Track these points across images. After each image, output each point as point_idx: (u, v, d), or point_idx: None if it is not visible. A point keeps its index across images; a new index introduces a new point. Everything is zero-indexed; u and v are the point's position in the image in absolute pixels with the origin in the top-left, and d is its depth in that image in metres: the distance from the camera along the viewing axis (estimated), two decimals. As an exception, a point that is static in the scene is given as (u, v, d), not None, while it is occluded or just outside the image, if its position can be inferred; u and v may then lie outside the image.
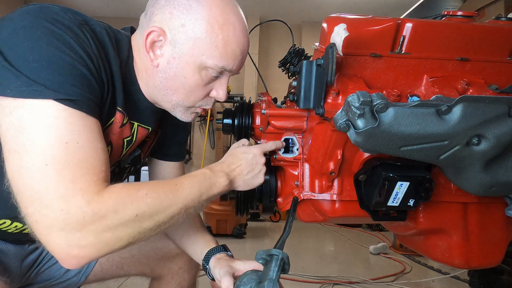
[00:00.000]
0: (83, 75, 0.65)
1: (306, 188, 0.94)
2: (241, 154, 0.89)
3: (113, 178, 0.96)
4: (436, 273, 2.63)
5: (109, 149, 0.84)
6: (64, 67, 0.62)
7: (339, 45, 0.74)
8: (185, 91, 0.80)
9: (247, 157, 0.89)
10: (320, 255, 3.05)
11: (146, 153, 1.01)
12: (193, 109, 0.86)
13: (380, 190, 0.81)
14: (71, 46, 0.64)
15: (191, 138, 5.21)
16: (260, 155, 0.90)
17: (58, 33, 0.63)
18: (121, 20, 5.24)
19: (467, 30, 0.83)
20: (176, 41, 0.75)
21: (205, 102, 0.85)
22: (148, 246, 1.07)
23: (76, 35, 0.66)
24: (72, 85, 0.62)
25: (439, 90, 0.79)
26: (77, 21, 0.68)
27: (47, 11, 0.65)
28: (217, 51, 0.75)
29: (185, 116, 0.87)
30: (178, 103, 0.83)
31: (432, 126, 0.69)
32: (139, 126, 0.89)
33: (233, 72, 0.82)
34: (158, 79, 0.79)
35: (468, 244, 0.92)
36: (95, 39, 0.71)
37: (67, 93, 0.62)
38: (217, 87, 0.83)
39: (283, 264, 0.72)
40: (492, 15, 2.22)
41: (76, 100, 0.63)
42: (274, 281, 0.67)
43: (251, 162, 0.88)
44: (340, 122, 0.71)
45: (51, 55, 0.61)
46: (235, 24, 0.77)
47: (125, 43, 0.81)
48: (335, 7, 4.60)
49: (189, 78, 0.78)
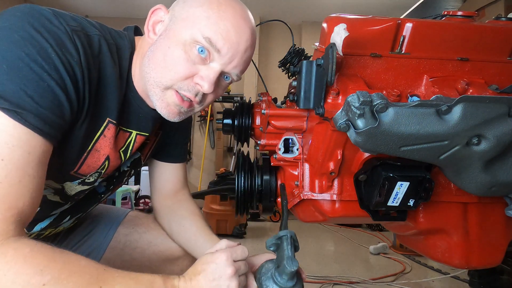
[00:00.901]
0: (49, 89, 0.60)
1: (306, 188, 0.94)
2: (201, 265, 0.70)
3: (114, 181, 0.96)
4: (436, 273, 2.63)
5: (106, 164, 0.82)
6: (27, 76, 0.58)
7: (339, 45, 0.74)
8: (165, 64, 0.72)
9: (206, 269, 0.69)
10: (320, 255, 3.05)
11: (146, 156, 1.00)
12: (170, 93, 0.75)
13: (380, 190, 0.81)
14: (47, 55, 0.60)
15: (191, 138, 5.21)
16: (225, 264, 0.69)
17: (37, 39, 0.60)
18: (121, 20, 5.23)
19: (467, 30, 0.83)
20: (173, 15, 0.75)
21: (186, 86, 0.74)
22: (150, 249, 1.06)
23: (60, 43, 0.62)
24: (28, 96, 0.57)
25: (439, 90, 0.79)
26: (68, 27, 0.65)
27: (36, 15, 0.62)
28: (207, 21, 0.70)
29: (162, 103, 0.76)
30: (155, 80, 0.74)
31: (432, 126, 0.69)
32: (138, 135, 0.87)
33: (225, 61, 0.73)
34: (146, 55, 0.75)
35: (468, 244, 0.92)
36: (86, 47, 0.67)
37: (18, 104, 0.56)
38: (203, 72, 0.73)
39: (293, 242, 0.71)
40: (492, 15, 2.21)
41: (27, 114, 0.57)
42: (292, 257, 0.67)
43: (212, 276, 0.68)
44: (340, 122, 0.71)
45: (17, 60, 0.58)
46: (236, 8, 0.74)
47: (127, 50, 0.79)
48: (335, 7, 4.60)
49: (172, 48, 0.72)
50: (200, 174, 4.84)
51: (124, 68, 0.78)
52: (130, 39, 0.81)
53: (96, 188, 0.93)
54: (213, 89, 0.75)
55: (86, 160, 0.78)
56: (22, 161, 0.57)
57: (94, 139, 0.76)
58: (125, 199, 3.67)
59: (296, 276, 0.72)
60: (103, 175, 0.85)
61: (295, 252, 0.71)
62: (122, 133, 0.84)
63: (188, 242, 0.99)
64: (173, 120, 0.80)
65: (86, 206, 0.95)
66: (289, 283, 0.70)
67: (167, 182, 1.07)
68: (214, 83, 0.74)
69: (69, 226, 0.98)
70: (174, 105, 0.77)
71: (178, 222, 1.01)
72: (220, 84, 0.79)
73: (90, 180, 0.84)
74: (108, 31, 0.78)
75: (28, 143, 0.58)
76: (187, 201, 1.06)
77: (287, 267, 0.66)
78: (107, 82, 0.73)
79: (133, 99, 0.82)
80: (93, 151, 0.78)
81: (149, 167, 1.08)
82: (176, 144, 1.05)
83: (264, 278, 0.73)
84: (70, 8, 4.90)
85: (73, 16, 0.70)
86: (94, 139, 0.76)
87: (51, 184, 0.78)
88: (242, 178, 0.99)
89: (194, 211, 1.03)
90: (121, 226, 1.06)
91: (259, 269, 0.76)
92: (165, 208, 1.05)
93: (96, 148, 0.78)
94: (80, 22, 0.70)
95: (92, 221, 1.06)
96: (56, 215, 0.88)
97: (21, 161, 0.57)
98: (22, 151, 0.57)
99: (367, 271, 2.67)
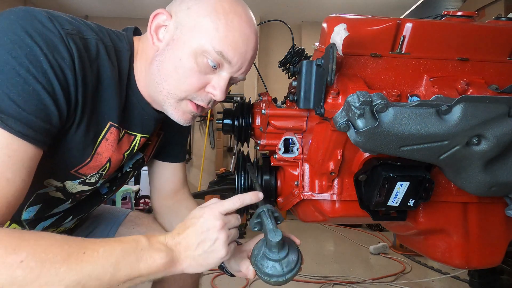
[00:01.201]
0: (34, 92, 0.59)
1: (306, 188, 0.94)
2: (190, 219, 0.69)
3: (117, 182, 0.96)
4: (436, 273, 2.63)
5: (108, 165, 0.82)
6: (11, 80, 0.57)
7: (339, 45, 0.74)
8: (177, 76, 0.73)
9: (195, 223, 0.67)
10: (320, 255, 3.05)
11: (149, 157, 1.00)
12: (185, 103, 0.77)
13: (380, 190, 0.81)
14: (35, 58, 0.59)
15: (191, 138, 5.21)
16: (214, 217, 0.67)
17: (26, 42, 0.59)
18: (121, 20, 5.23)
19: (467, 30, 0.83)
20: (179, 23, 0.74)
21: (199, 96, 0.77)
22: None
23: (52, 46, 0.62)
24: (11, 100, 0.57)
25: (439, 90, 0.79)
26: (63, 31, 0.64)
27: (29, 18, 0.62)
28: (217, 34, 0.71)
29: (177, 112, 0.78)
30: (169, 92, 0.75)
31: (432, 126, 0.69)
32: (142, 137, 0.87)
33: (234, 70, 0.76)
34: (155, 64, 0.75)
35: (468, 244, 0.92)
36: (82, 50, 0.66)
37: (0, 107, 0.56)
38: (214, 82, 0.75)
39: (272, 214, 0.72)
40: (492, 15, 2.21)
41: (7, 118, 0.56)
42: (273, 229, 0.68)
43: (200, 229, 0.66)
44: (340, 122, 0.71)
45: (3, 63, 0.57)
46: (241, 15, 0.74)
47: (126, 52, 0.78)
48: (335, 7, 4.60)
49: (184, 61, 0.72)
50: (200, 174, 4.84)
51: (124, 71, 0.78)
52: (129, 40, 0.81)
53: (99, 189, 0.93)
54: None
55: (89, 163, 0.78)
56: (0, 165, 0.56)
57: (96, 143, 0.76)
58: (125, 199, 3.67)
59: (286, 244, 0.71)
60: (104, 176, 0.86)
61: (278, 223, 0.72)
62: (127, 136, 0.84)
63: None
64: (186, 124, 0.83)
65: (89, 206, 0.96)
66: (282, 254, 0.70)
67: (167, 182, 1.07)
68: (225, 91, 0.77)
69: (70, 226, 0.98)
70: (189, 112, 0.80)
71: (179, 221, 1.01)
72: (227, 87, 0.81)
73: (92, 181, 0.84)
74: (107, 33, 0.77)
75: (8, 147, 0.57)
76: (188, 200, 1.06)
77: (271, 239, 0.67)
78: (106, 85, 0.73)
79: (137, 102, 0.82)
80: (95, 155, 0.78)
81: (148, 167, 1.08)
82: (176, 144, 1.06)
83: (258, 258, 0.72)
84: (70, 8, 4.90)
85: (70, 20, 0.69)
86: (96, 143, 0.76)
87: (52, 183, 0.79)
88: (242, 178, 0.99)
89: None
90: (122, 226, 1.06)
91: (252, 252, 0.76)
92: (166, 207, 1.05)
93: (98, 152, 0.78)
94: (77, 26, 0.69)
95: (92, 221, 1.07)
96: (59, 215, 0.88)
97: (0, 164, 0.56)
98: (2, 155, 0.56)
99: (367, 271, 2.67)
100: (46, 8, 0.70)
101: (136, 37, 0.84)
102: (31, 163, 0.61)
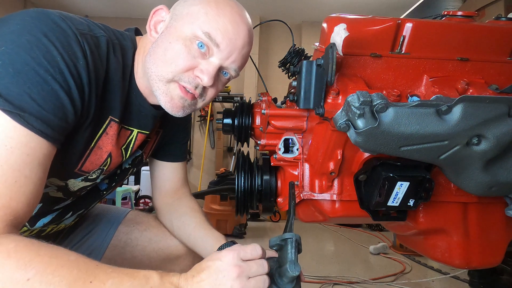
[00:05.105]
0: (53, 92, 0.61)
1: (306, 188, 0.94)
2: (206, 262, 0.65)
3: (116, 179, 0.97)
4: (436, 273, 2.63)
5: (109, 161, 0.84)
6: (32, 79, 0.59)
7: (339, 45, 0.74)
8: (165, 58, 0.74)
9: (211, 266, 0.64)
10: (320, 255, 3.05)
11: (148, 154, 1.01)
12: (173, 86, 0.77)
13: (380, 190, 0.81)
14: (52, 58, 0.61)
15: (191, 138, 5.21)
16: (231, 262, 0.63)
17: (43, 43, 0.61)
18: (121, 20, 5.23)
19: (467, 30, 0.83)
20: (174, 14, 0.78)
21: (186, 77, 0.75)
22: (150, 246, 1.06)
23: (67, 47, 0.64)
24: (32, 99, 0.59)
25: (439, 90, 0.79)
26: (77, 31, 0.66)
27: (44, 19, 0.64)
28: (206, 17, 0.74)
29: (165, 97, 0.77)
30: (156, 74, 0.76)
31: (432, 126, 0.69)
32: (139, 133, 0.89)
33: (223, 55, 0.75)
34: (148, 53, 0.78)
35: (468, 244, 0.92)
36: (94, 50, 0.69)
37: (21, 106, 0.58)
38: (203, 66, 0.75)
39: (298, 245, 0.70)
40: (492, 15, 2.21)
41: (28, 116, 0.58)
42: (295, 262, 0.66)
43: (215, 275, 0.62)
44: (340, 122, 0.71)
45: (24, 64, 0.59)
46: (233, 6, 0.77)
47: (130, 49, 0.81)
48: (335, 7, 4.59)
49: (173, 44, 0.74)
50: (200, 174, 4.84)
51: (128, 68, 0.80)
52: (132, 39, 0.83)
53: (99, 185, 0.94)
54: (213, 83, 0.77)
55: (89, 157, 0.79)
56: (19, 163, 0.58)
57: (96, 137, 0.78)
58: (125, 199, 3.67)
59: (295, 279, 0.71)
60: (105, 172, 0.87)
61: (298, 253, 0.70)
62: (124, 131, 0.86)
63: (188, 237, 1.00)
64: (177, 115, 0.81)
65: (88, 202, 0.97)
66: (288, 286, 0.70)
67: (168, 181, 1.08)
68: (214, 77, 0.76)
69: (71, 223, 0.98)
70: (178, 99, 0.78)
71: (178, 218, 1.02)
72: (220, 79, 0.81)
73: (93, 176, 0.85)
74: (112, 31, 0.80)
75: (27, 145, 0.59)
76: (187, 198, 1.07)
77: (289, 271, 0.65)
78: (112, 82, 0.75)
79: (135, 97, 0.84)
80: (95, 148, 0.80)
81: (150, 167, 1.10)
82: (176, 143, 1.07)
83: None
84: (70, 8, 4.90)
85: (80, 19, 0.71)
86: (96, 137, 0.78)
87: (55, 182, 0.80)
88: (242, 178, 0.99)
89: (194, 207, 1.04)
90: (122, 225, 1.07)
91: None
92: (166, 206, 1.06)
93: (99, 145, 0.80)
94: (88, 24, 0.72)
95: (92, 220, 1.07)
96: (59, 211, 0.89)
97: (19, 162, 0.58)
98: (21, 153, 0.58)
99: (367, 271, 2.67)
100: (46, 8, 0.70)
101: (138, 36, 0.86)
102: (47, 161, 0.63)
